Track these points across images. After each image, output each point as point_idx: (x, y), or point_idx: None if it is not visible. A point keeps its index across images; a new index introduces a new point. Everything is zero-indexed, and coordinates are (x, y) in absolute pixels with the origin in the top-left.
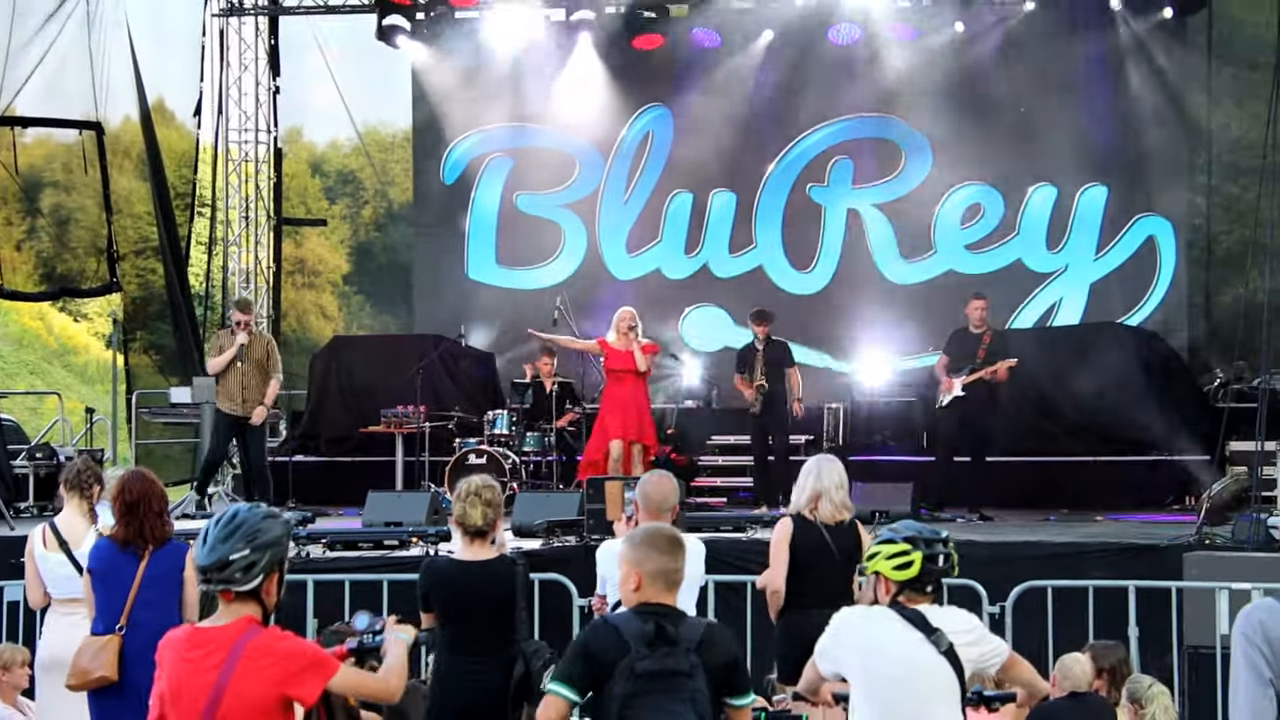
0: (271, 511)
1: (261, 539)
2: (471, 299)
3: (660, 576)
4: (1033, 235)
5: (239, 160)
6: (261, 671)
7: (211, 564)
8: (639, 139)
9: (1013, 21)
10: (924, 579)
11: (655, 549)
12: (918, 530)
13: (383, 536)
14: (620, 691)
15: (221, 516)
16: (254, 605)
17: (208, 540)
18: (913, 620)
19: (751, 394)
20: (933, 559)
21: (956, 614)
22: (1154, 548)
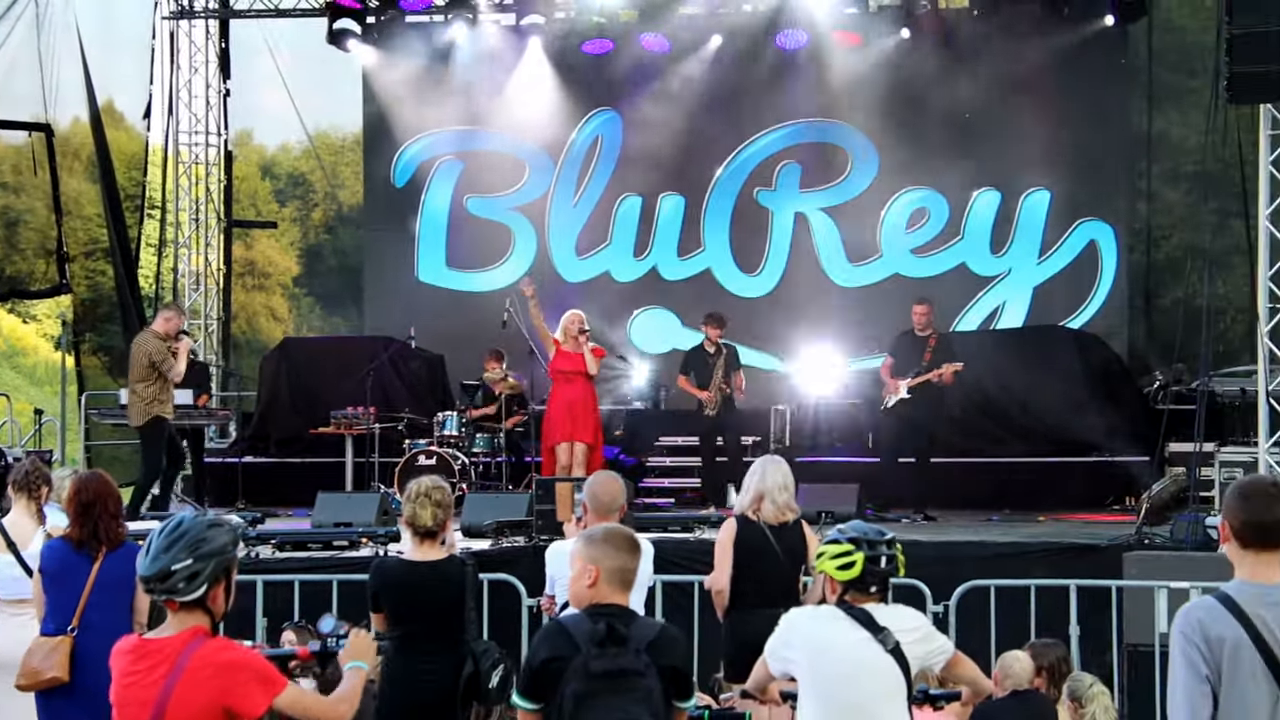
0: (217, 520)
1: (205, 548)
2: (421, 301)
3: (617, 575)
4: (977, 239)
5: (189, 163)
6: (204, 683)
7: (154, 574)
8: (588, 143)
9: (957, 27)
10: (867, 579)
11: (614, 547)
12: (863, 531)
13: (332, 537)
14: (572, 690)
15: (165, 525)
16: (201, 614)
17: (150, 549)
18: (859, 619)
19: (709, 397)
20: (874, 560)
21: (903, 612)
22: (1094, 547)
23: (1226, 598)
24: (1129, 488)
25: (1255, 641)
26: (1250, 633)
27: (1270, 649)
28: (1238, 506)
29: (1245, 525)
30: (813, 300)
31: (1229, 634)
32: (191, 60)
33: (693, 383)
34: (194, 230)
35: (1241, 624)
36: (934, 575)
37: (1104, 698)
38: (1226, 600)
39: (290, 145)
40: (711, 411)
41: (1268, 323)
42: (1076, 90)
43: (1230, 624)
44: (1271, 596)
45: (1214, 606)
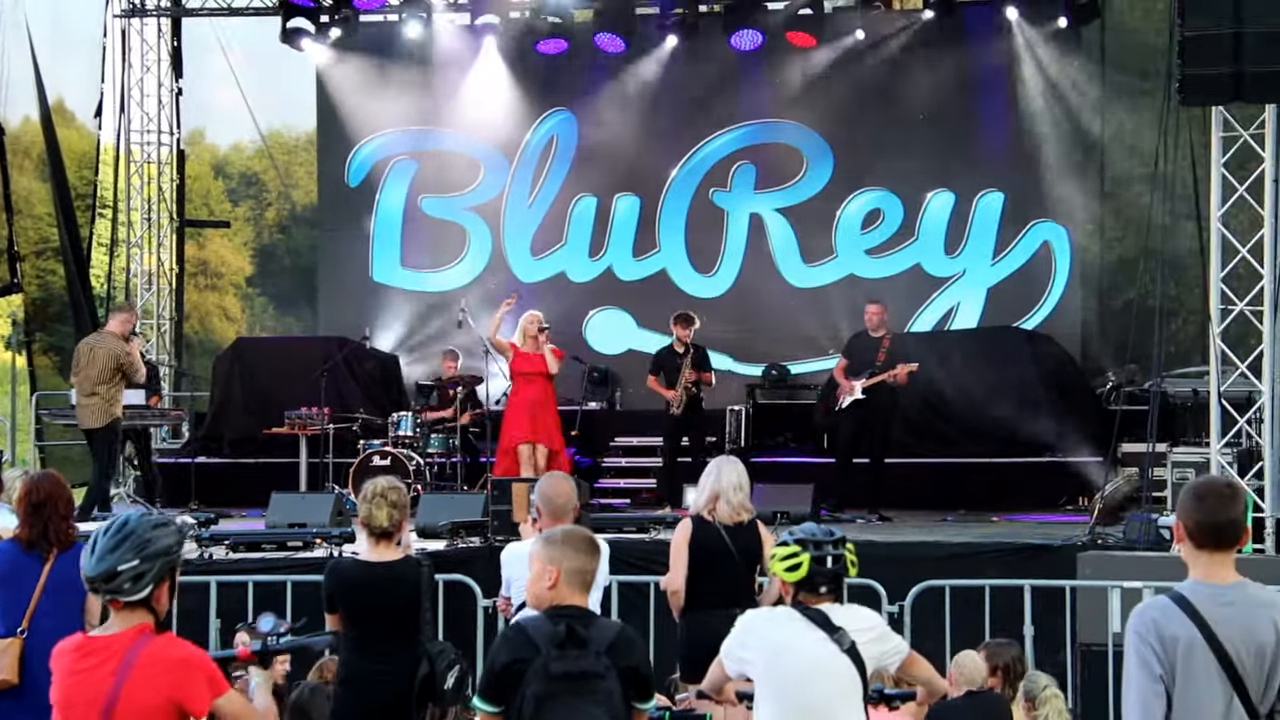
0: (162, 520)
1: (151, 549)
2: (376, 301)
3: (576, 576)
4: (931, 240)
5: (141, 162)
6: (154, 679)
7: (99, 574)
8: (543, 143)
9: (911, 30)
10: (815, 580)
11: (573, 548)
12: (810, 533)
13: (286, 538)
14: (532, 692)
15: (110, 525)
16: (145, 613)
17: (96, 549)
18: (815, 620)
19: (675, 396)
20: (820, 560)
21: (859, 612)
22: (1048, 547)
23: (1181, 598)
24: (1082, 488)
25: (1209, 641)
26: (1204, 633)
27: (1224, 649)
28: (1191, 507)
29: (1199, 526)
30: (768, 300)
31: (1183, 634)
32: (143, 59)
33: (662, 383)
34: (146, 230)
35: (1195, 624)
36: (889, 576)
37: (1058, 701)
38: (1181, 600)
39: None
40: (677, 411)
41: (1220, 324)
42: (1029, 91)
43: (1184, 624)
44: (1225, 596)
45: (1168, 606)
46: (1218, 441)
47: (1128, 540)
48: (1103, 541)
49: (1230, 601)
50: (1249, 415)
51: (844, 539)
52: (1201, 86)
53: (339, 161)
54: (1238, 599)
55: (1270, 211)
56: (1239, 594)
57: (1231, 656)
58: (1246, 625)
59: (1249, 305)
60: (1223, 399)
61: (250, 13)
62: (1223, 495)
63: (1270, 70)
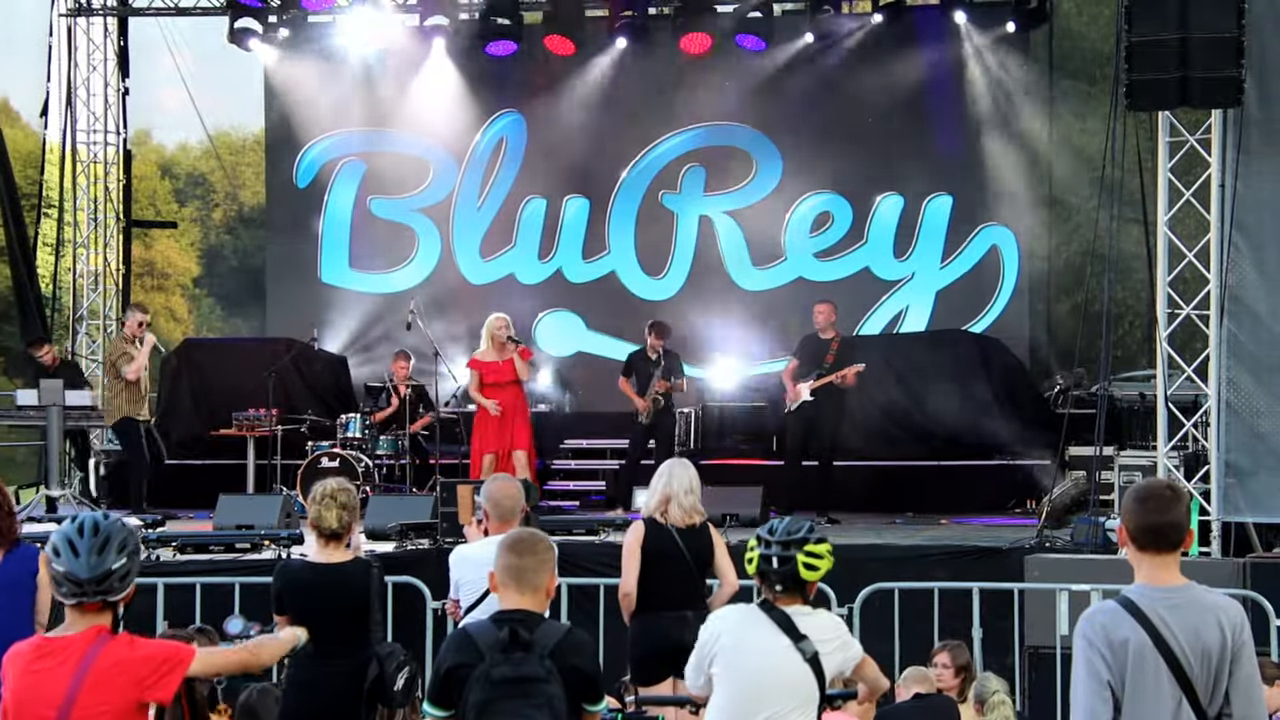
0: (120, 518)
1: (130, 546)
2: (324, 302)
3: (509, 574)
4: (880, 243)
5: (87, 162)
6: (116, 679)
7: (93, 577)
8: (493, 144)
9: (861, 33)
10: (767, 578)
11: (505, 549)
12: (774, 529)
13: (234, 539)
14: (475, 699)
15: (82, 528)
16: (106, 614)
17: (80, 553)
18: (780, 623)
19: (645, 406)
20: (766, 559)
21: (824, 619)
22: (997, 550)
23: (1128, 601)
24: (1030, 491)
25: (1157, 645)
26: (1152, 636)
27: (1173, 652)
28: (1134, 510)
29: (1140, 529)
30: (717, 303)
31: (1132, 638)
32: (90, 58)
33: (634, 386)
34: (92, 230)
35: (1144, 627)
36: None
37: (1005, 708)
38: (1128, 604)
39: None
40: (645, 420)
41: (1166, 328)
42: (977, 95)
43: (1133, 628)
44: (1172, 599)
45: (1116, 610)
46: (1165, 445)
47: (1075, 543)
48: (1050, 544)
49: (1177, 604)
50: (1195, 419)
51: (803, 541)
52: (1148, 91)
53: (287, 162)
54: (1184, 601)
55: (1216, 216)
56: (1185, 596)
57: (1180, 659)
58: (1194, 628)
59: (1195, 309)
60: (1169, 403)
61: (198, 13)
62: (1164, 498)
63: (1216, 76)
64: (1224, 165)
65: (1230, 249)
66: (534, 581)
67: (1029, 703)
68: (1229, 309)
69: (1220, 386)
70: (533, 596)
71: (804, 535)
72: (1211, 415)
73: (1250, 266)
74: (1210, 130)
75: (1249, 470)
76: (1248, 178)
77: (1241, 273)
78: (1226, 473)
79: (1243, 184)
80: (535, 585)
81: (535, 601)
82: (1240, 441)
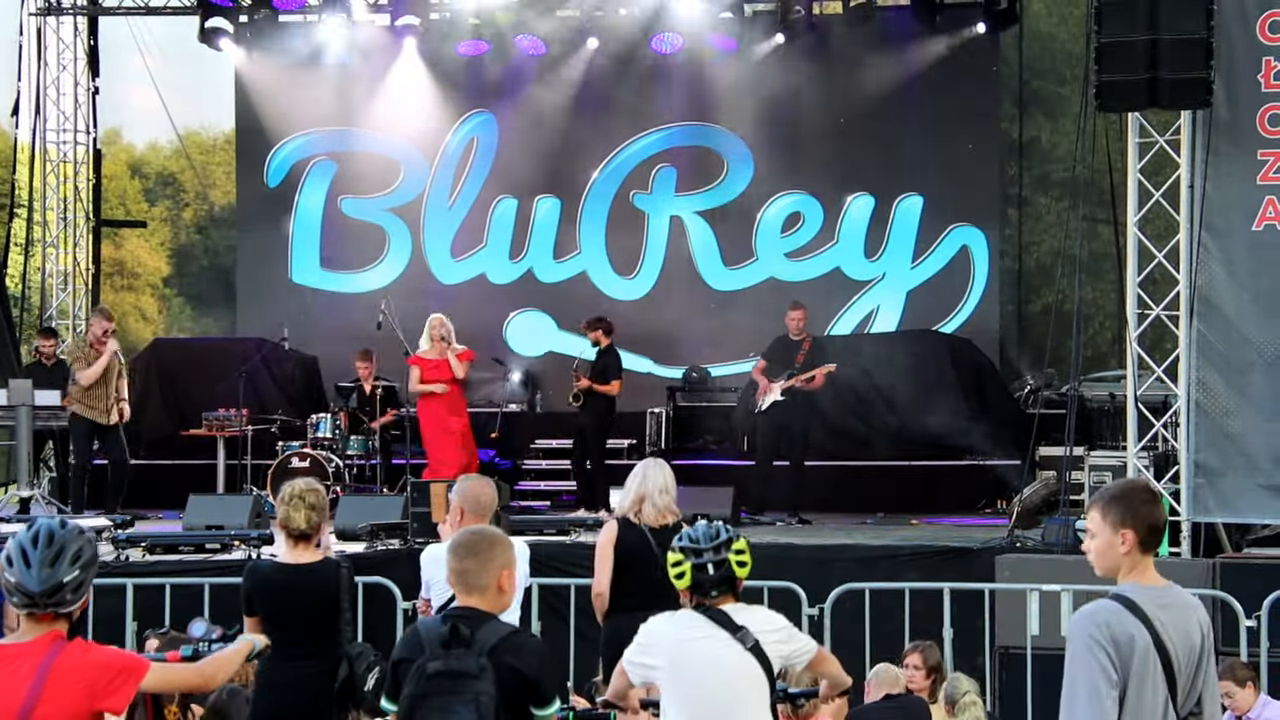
0: (79, 526)
1: (84, 557)
2: (295, 302)
3: (454, 578)
4: (851, 243)
5: (57, 161)
6: (71, 687)
7: (43, 590)
8: (464, 144)
9: (832, 34)
10: (703, 587)
11: (449, 551)
12: (695, 538)
13: (204, 540)
14: (408, 691)
15: (36, 537)
16: (62, 621)
17: (32, 564)
18: (717, 620)
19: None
20: (701, 568)
21: (763, 614)
22: (967, 550)
23: (1129, 600)
24: (1000, 491)
25: (1156, 644)
26: (1153, 635)
27: (1168, 651)
28: (1150, 510)
29: (1153, 528)
30: (688, 303)
31: (1137, 636)
32: (59, 57)
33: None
34: (62, 229)
35: (1145, 627)
36: (809, 578)
37: (976, 709)
38: (1129, 603)
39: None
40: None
41: (1136, 329)
42: (949, 97)
43: (1137, 626)
44: (1162, 598)
45: (1119, 610)
46: (1134, 445)
47: (1046, 543)
48: (1021, 545)
49: (1167, 603)
50: (1165, 419)
51: (729, 541)
52: (1118, 92)
53: (258, 162)
54: (1171, 601)
55: (1185, 217)
56: (1171, 596)
57: (1172, 659)
58: (1183, 627)
59: (1165, 310)
60: (1139, 403)
61: (168, 12)
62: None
63: (1185, 77)
64: (1193, 166)
65: (1200, 250)
66: (478, 582)
67: (1000, 703)
68: (1198, 310)
69: (1190, 387)
70: (481, 596)
71: (728, 536)
72: (1181, 415)
73: (1219, 267)
74: (1179, 131)
75: (1218, 470)
76: (1216, 179)
77: (1211, 274)
78: (1196, 473)
79: (1212, 185)
80: (481, 585)
81: (486, 601)
82: (1210, 442)
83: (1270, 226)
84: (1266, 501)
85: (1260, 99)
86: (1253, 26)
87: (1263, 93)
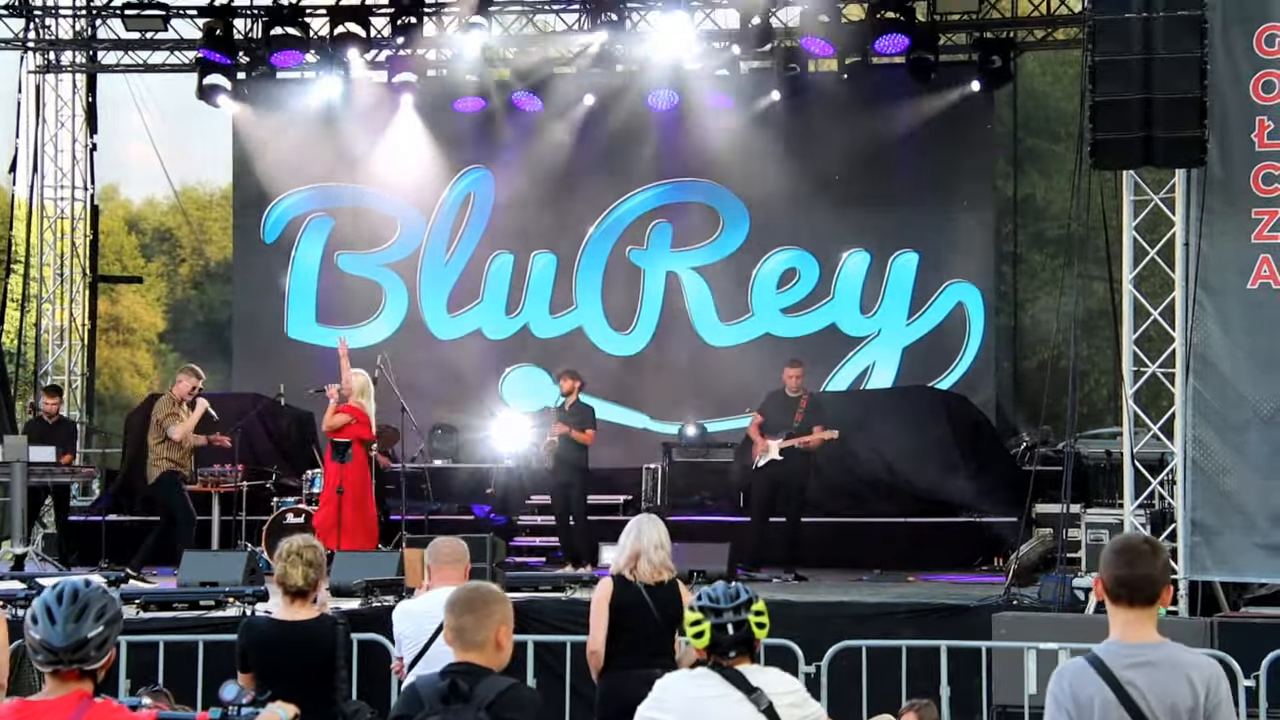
0: (102, 584)
1: (109, 614)
2: (291, 358)
3: (452, 635)
4: (847, 300)
5: (54, 217)
6: None
7: (67, 645)
8: (460, 200)
9: (828, 90)
10: (721, 646)
11: (446, 608)
12: (714, 598)
13: (198, 597)
14: None
15: (60, 594)
16: (87, 680)
17: (56, 621)
18: (733, 680)
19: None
20: (721, 628)
21: (778, 676)
22: (964, 608)
23: (1095, 659)
24: (997, 548)
25: (1124, 703)
26: (1118, 694)
27: (1138, 709)
28: (1108, 561)
29: (1114, 580)
30: (684, 359)
31: (1097, 696)
32: (58, 114)
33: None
34: (58, 285)
35: (1109, 685)
36: (805, 635)
37: None
38: (1095, 661)
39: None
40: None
41: (1132, 386)
42: (944, 154)
43: (1098, 685)
44: (1142, 655)
45: (1083, 668)
46: (1131, 503)
47: (1043, 601)
48: (1018, 602)
49: (1148, 661)
50: (1162, 477)
51: (749, 601)
52: (1113, 150)
53: (254, 217)
54: (1156, 658)
55: (1181, 275)
56: (1158, 653)
57: (1146, 716)
58: (1162, 685)
59: (1161, 367)
60: (1136, 460)
61: (166, 69)
62: (1138, 551)
63: (1179, 136)
64: (1188, 224)
65: (1195, 308)
66: (475, 638)
67: None
68: (1194, 367)
69: (1186, 445)
70: (479, 652)
71: (748, 597)
72: (1178, 473)
73: (1215, 325)
74: (1174, 189)
75: (1215, 529)
76: (1211, 237)
77: (1206, 331)
78: (1193, 531)
79: (1206, 243)
80: (479, 641)
81: (484, 656)
82: (1206, 500)
83: (1265, 285)
84: (1264, 560)
85: (1254, 158)
86: (1246, 87)
87: (1256, 152)
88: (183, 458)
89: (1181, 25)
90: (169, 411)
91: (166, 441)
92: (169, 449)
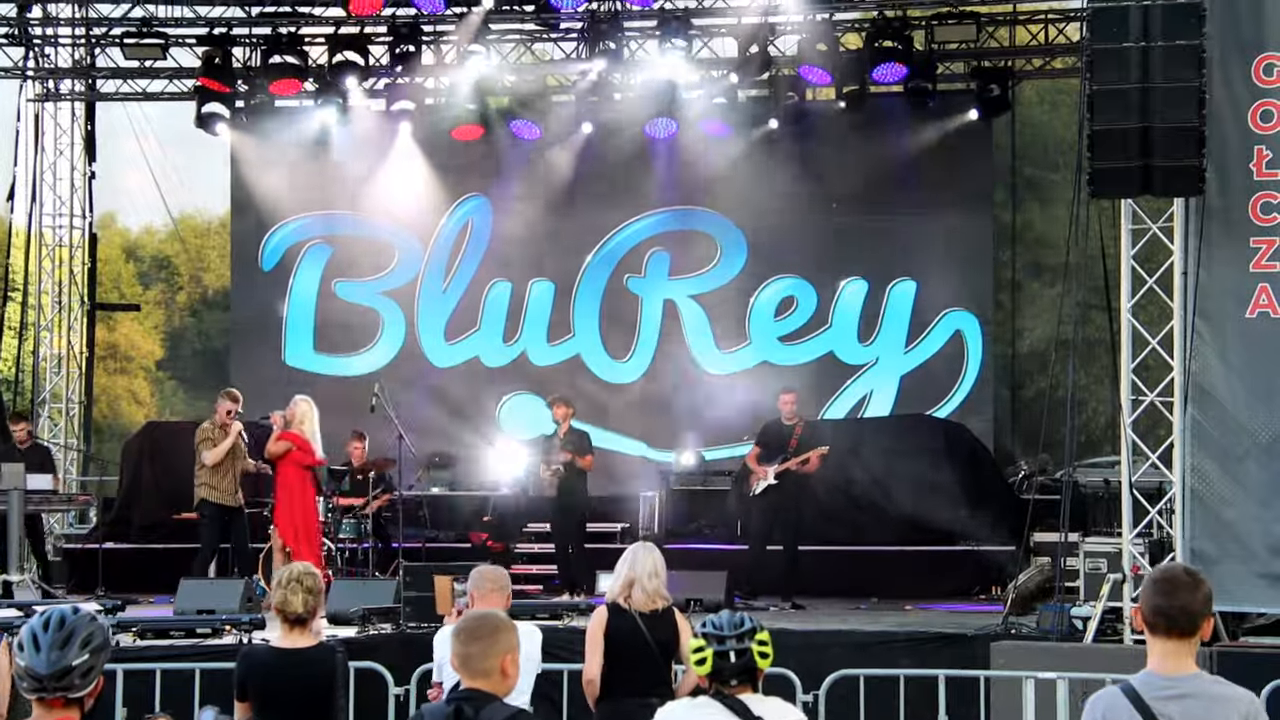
0: (92, 613)
1: (95, 643)
2: (289, 385)
3: (458, 662)
4: (844, 328)
5: (52, 245)
6: None
7: (52, 673)
8: (458, 228)
9: (825, 119)
10: (723, 674)
11: (453, 635)
12: (718, 625)
13: (195, 625)
14: None
15: (48, 621)
16: (73, 708)
17: (41, 648)
18: (734, 709)
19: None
20: (723, 655)
21: (779, 705)
22: (962, 637)
23: (1131, 689)
24: (995, 577)
25: None
26: None
27: None
28: (1147, 591)
29: (1151, 610)
30: (681, 387)
31: None
32: (56, 142)
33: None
34: (56, 313)
35: (1143, 715)
36: (802, 664)
37: None
38: (1130, 692)
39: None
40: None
41: (1130, 415)
42: (942, 183)
43: (1131, 714)
44: (1177, 688)
45: (1117, 698)
46: (1129, 532)
47: (1041, 630)
48: (1016, 631)
49: (1184, 693)
50: (1160, 506)
51: (753, 630)
52: (1111, 179)
53: (252, 245)
54: (1193, 691)
55: (1179, 304)
56: (1194, 686)
57: None
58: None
59: (1159, 396)
60: (1134, 489)
61: (165, 98)
62: (1179, 582)
63: (1178, 164)
64: (1186, 253)
65: (1194, 336)
66: (481, 666)
67: None
68: (1193, 396)
69: (1185, 474)
70: (485, 679)
71: (752, 625)
72: (1176, 502)
73: (1213, 354)
74: (1172, 218)
75: (1214, 558)
76: (1210, 266)
77: (1205, 360)
78: (1192, 560)
79: (1205, 272)
80: (485, 669)
81: (490, 683)
82: (1205, 529)
83: (1264, 314)
84: (1263, 590)
85: (1253, 187)
86: (1244, 116)
87: (1255, 181)
88: (220, 482)
89: (1180, 55)
90: (204, 437)
91: (204, 467)
92: (206, 474)
